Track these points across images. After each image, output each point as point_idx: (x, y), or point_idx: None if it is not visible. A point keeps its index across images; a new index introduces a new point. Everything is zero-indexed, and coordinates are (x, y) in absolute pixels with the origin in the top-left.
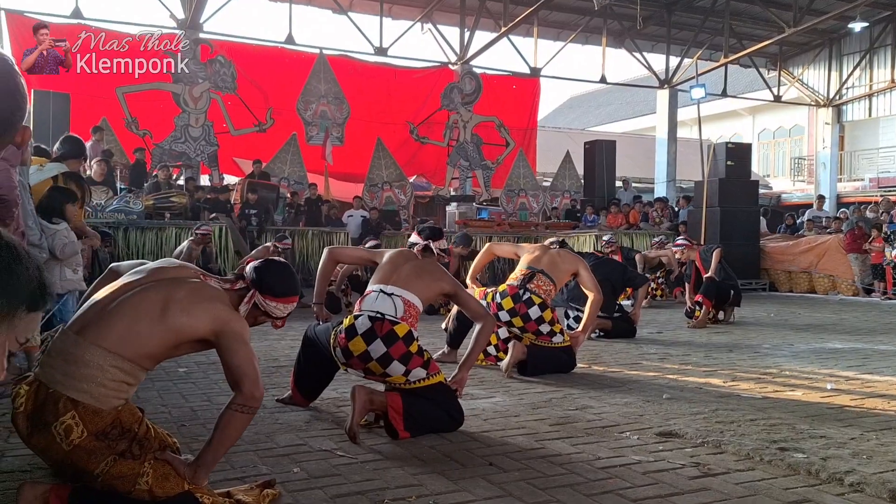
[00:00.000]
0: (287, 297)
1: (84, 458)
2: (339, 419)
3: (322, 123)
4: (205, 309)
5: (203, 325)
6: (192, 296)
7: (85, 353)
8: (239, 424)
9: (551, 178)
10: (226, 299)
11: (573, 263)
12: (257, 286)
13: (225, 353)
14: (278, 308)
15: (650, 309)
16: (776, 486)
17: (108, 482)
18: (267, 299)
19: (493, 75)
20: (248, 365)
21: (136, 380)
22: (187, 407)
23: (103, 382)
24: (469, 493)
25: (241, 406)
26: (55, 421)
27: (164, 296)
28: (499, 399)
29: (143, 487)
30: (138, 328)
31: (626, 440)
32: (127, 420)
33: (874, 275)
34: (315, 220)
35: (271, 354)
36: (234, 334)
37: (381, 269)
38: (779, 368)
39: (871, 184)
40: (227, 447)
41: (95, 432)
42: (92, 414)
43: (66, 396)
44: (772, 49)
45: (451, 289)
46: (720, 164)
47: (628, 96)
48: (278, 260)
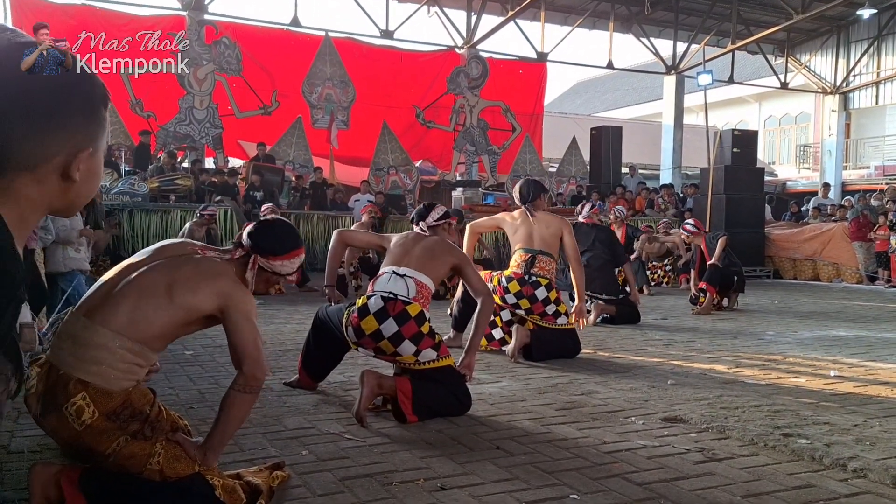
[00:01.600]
0: (289, 253)
1: (96, 438)
2: (347, 402)
3: (327, 107)
4: (209, 285)
5: (209, 301)
6: (197, 273)
7: (94, 335)
8: (242, 405)
9: (557, 163)
10: (230, 272)
11: (557, 226)
12: (257, 250)
13: (230, 331)
14: (284, 265)
15: (654, 296)
16: (780, 471)
17: (119, 462)
18: (270, 260)
19: (499, 60)
20: (252, 344)
21: (146, 361)
22: (195, 389)
23: (113, 364)
24: (476, 476)
25: (242, 386)
26: (66, 402)
27: (168, 275)
28: (505, 384)
29: (154, 468)
30: (145, 310)
31: (631, 425)
32: (138, 401)
33: (878, 263)
34: (320, 204)
35: (278, 338)
36: (239, 311)
37: (392, 252)
38: (783, 355)
39: (877, 172)
40: (234, 428)
41: (106, 413)
42: (103, 395)
43: (76, 378)
44: (779, 35)
45: (458, 262)
46: (726, 150)
47: (635, 82)
48: (272, 218)
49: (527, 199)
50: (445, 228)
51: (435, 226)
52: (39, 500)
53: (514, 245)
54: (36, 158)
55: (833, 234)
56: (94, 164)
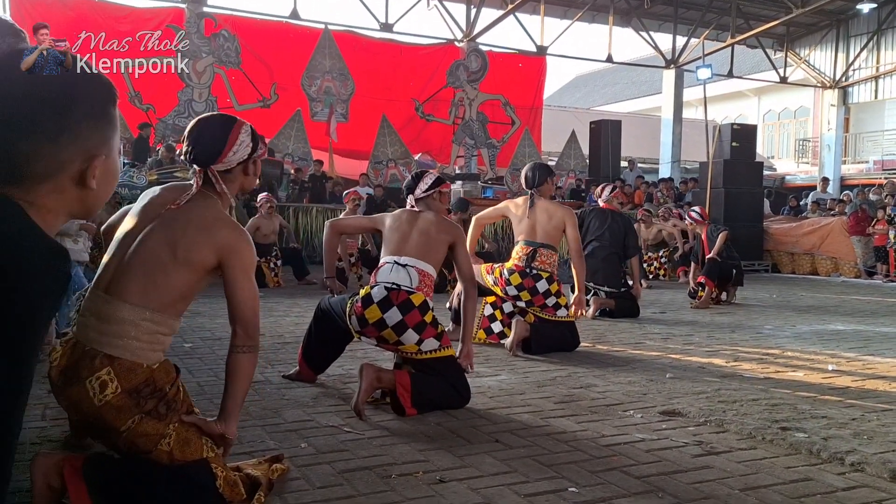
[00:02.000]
0: (227, 142)
1: (113, 414)
2: (346, 395)
3: (327, 100)
4: (207, 239)
5: (210, 256)
6: (192, 228)
7: (115, 310)
8: (246, 365)
9: (556, 157)
10: (221, 211)
11: (561, 217)
12: (199, 162)
13: (227, 284)
14: (235, 154)
15: (653, 289)
16: (778, 464)
17: (131, 440)
18: (218, 163)
19: (499, 53)
20: (249, 300)
21: (170, 329)
22: (193, 382)
23: (137, 336)
24: (475, 469)
25: (241, 347)
26: (91, 376)
27: (166, 237)
28: (504, 377)
29: (164, 449)
30: (155, 278)
31: (629, 418)
32: (160, 379)
33: (877, 257)
34: (319, 197)
35: (276, 331)
36: (238, 266)
37: (391, 240)
38: (781, 349)
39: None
40: (245, 390)
41: (128, 389)
42: (127, 371)
43: (102, 353)
44: (779, 30)
45: (453, 239)
46: (725, 145)
47: (634, 76)
48: (192, 124)
49: (532, 183)
50: (436, 198)
51: (424, 197)
52: (41, 489)
53: (517, 236)
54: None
55: (832, 228)
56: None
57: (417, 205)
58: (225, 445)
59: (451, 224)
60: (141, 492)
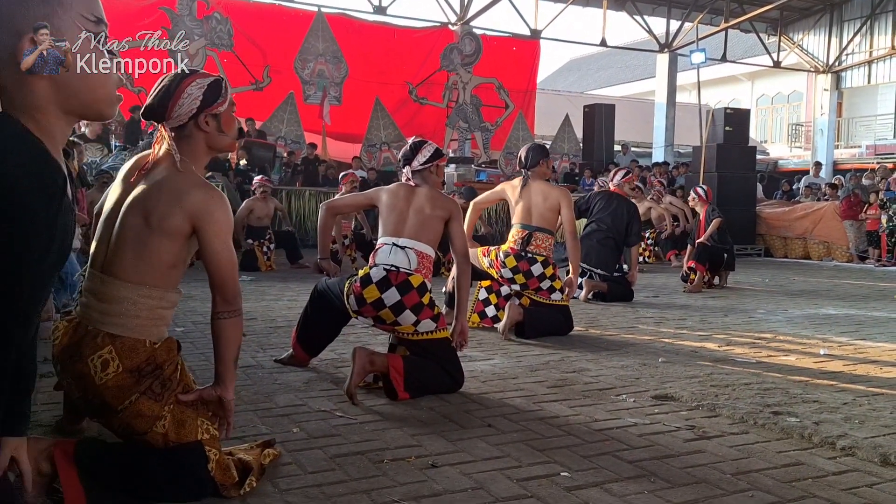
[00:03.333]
0: (181, 88)
1: (113, 393)
2: (339, 380)
3: (320, 82)
4: (178, 206)
5: (184, 223)
6: (164, 197)
7: (113, 289)
8: (231, 329)
9: (550, 140)
10: (191, 174)
11: (556, 199)
12: (157, 117)
13: (204, 250)
14: (187, 99)
15: (646, 273)
16: (769, 449)
17: (127, 420)
18: (171, 113)
19: (493, 37)
20: (226, 264)
21: (169, 303)
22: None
23: (137, 314)
24: (467, 453)
25: (224, 313)
26: (93, 354)
27: (142, 209)
28: (497, 361)
29: (160, 431)
30: (141, 252)
31: (622, 403)
32: (162, 357)
33: (869, 241)
34: (312, 180)
35: (268, 315)
36: (212, 230)
37: (388, 220)
38: (773, 333)
39: (869, 151)
40: (234, 353)
41: (130, 368)
42: (129, 349)
43: (105, 332)
44: (772, 14)
45: (448, 214)
46: (718, 129)
47: (628, 60)
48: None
49: (526, 164)
50: (433, 171)
51: (421, 170)
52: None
53: (513, 219)
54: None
55: (824, 212)
56: (71, 58)
57: (413, 177)
58: (225, 412)
59: (447, 199)
60: (132, 476)
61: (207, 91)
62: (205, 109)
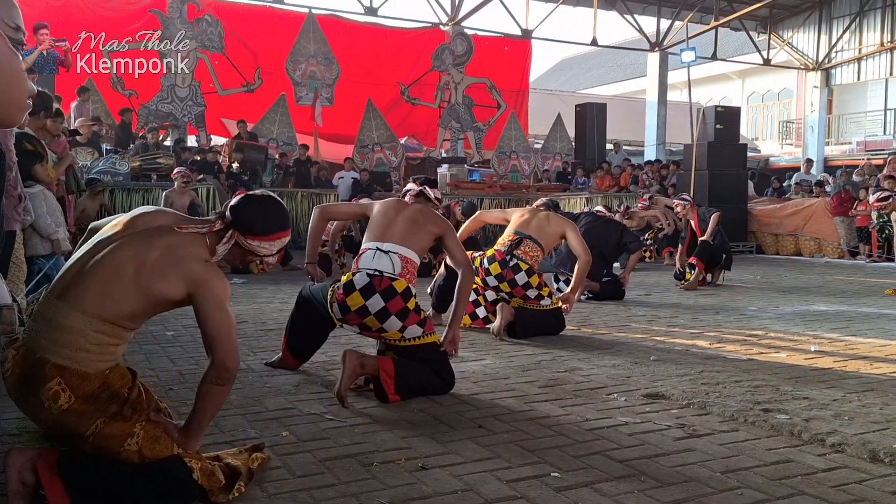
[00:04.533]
0: (272, 235)
1: (74, 421)
2: (329, 382)
3: (311, 84)
4: (177, 270)
5: (177, 288)
6: (166, 256)
7: (66, 318)
8: (216, 397)
9: (542, 140)
10: (203, 252)
11: (560, 226)
12: (237, 226)
13: (200, 318)
14: (263, 247)
15: (638, 271)
16: (759, 446)
17: (98, 443)
18: (249, 239)
19: (484, 37)
20: (223, 334)
21: (121, 340)
22: (175, 370)
23: (86, 347)
24: (458, 455)
25: (214, 379)
26: (42, 387)
27: (137, 256)
28: (489, 361)
29: (133, 448)
30: (112, 290)
31: (613, 402)
32: (116, 383)
33: (860, 238)
34: (304, 182)
35: (259, 318)
36: (210, 298)
37: (374, 226)
38: (764, 330)
39: (859, 147)
40: (211, 416)
41: (83, 396)
42: (79, 378)
43: (51, 362)
44: (762, 12)
45: (441, 231)
46: (709, 127)
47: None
48: (260, 194)
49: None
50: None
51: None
52: (16, 485)
53: (510, 230)
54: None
55: (815, 209)
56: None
57: (417, 197)
58: None
59: (441, 218)
60: (117, 488)
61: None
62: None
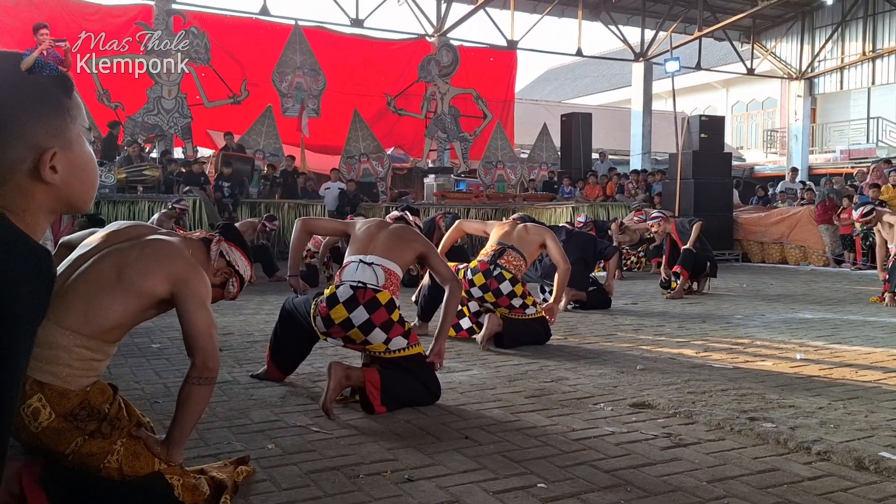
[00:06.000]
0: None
1: (54, 438)
2: (315, 394)
3: (298, 95)
4: (161, 266)
5: (161, 284)
6: (147, 255)
7: (48, 335)
8: (199, 398)
9: (528, 149)
10: (185, 253)
11: (540, 235)
12: (223, 234)
13: (182, 316)
14: (241, 262)
15: (625, 280)
16: (746, 455)
17: (78, 461)
18: (233, 247)
19: (470, 48)
20: (205, 332)
21: (104, 355)
22: (160, 383)
23: (69, 363)
24: (444, 466)
25: (196, 379)
26: (22, 404)
27: (118, 261)
28: (475, 372)
29: (113, 465)
30: (97, 303)
31: (600, 411)
32: (96, 400)
33: (844, 245)
34: (291, 193)
35: (246, 329)
36: (192, 296)
37: (357, 239)
38: (750, 339)
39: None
40: (194, 421)
41: (63, 414)
42: (59, 396)
43: (32, 378)
44: (745, 22)
45: (424, 249)
46: (694, 136)
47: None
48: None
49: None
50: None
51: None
52: (3, 496)
53: (492, 241)
54: (2, 171)
55: (800, 217)
56: (74, 158)
57: (398, 221)
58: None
59: (422, 236)
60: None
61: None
62: None
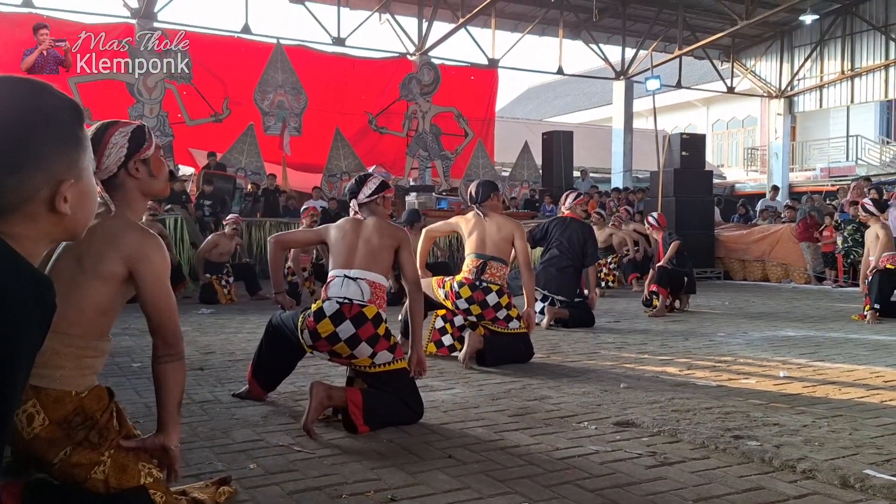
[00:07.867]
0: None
1: (44, 446)
2: (297, 414)
3: (279, 113)
4: (113, 248)
5: (117, 265)
6: (98, 238)
7: None
8: (173, 375)
9: (510, 168)
10: (129, 222)
11: (509, 229)
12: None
13: (140, 293)
14: (152, 155)
15: (608, 298)
16: (730, 473)
17: (64, 471)
18: (99, 171)
19: (451, 66)
20: (164, 306)
21: (98, 351)
22: (141, 403)
23: (62, 364)
24: (427, 486)
25: (165, 357)
26: (16, 408)
27: (75, 252)
28: (458, 390)
29: (99, 477)
30: (71, 298)
31: (583, 430)
32: (91, 406)
33: (825, 263)
34: (273, 211)
35: (227, 348)
36: (148, 272)
37: (337, 252)
38: (733, 356)
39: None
40: (176, 400)
41: (57, 420)
42: (54, 401)
43: (27, 384)
44: (724, 41)
45: (397, 243)
46: (675, 154)
47: (585, 87)
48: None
49: (477, 200)
50: (380, 203)
51: (368, 202)
52: None
53: (468, 250)
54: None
55: (781, 235)
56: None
57: (361, 210)
58: (170, 461)
59: (395, 227)
60: None
61: (132, 137)
62: (133, 156)
